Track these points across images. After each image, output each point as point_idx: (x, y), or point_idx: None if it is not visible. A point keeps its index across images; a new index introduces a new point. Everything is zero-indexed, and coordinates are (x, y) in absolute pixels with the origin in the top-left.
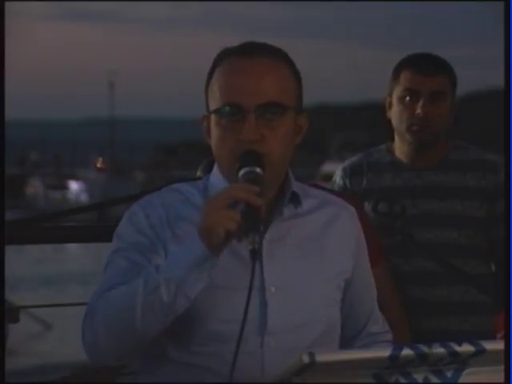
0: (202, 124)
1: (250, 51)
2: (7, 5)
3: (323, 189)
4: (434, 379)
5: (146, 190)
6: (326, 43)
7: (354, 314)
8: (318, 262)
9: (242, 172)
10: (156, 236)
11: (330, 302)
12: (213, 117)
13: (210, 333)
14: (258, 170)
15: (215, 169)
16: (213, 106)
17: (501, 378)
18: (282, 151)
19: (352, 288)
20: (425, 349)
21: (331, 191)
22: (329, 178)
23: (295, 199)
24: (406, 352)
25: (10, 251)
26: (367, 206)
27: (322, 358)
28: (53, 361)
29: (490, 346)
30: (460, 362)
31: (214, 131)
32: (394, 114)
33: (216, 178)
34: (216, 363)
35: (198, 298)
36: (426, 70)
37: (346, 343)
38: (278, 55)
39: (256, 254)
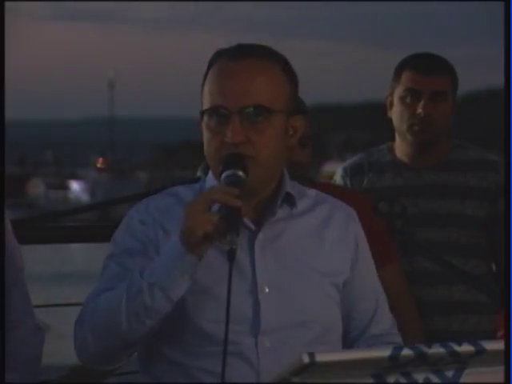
0: (199, 125)
1: (239, 54)
2: (7, 4)
3: (336, 188)
4: (434, 379)
5: (147, 191)
6: (325, 43)
7: (356, 315)
8: (312, 262)
9: (224, 175)
10: (149, 241)
11: (327, 302)
12: (203, 118)
13: (204, 334)
14: (240, 172)
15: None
16: (203, 107)
17: (501, 378)
18: (269, 153)
19: (351, 288)
20: (425, 349)
21: (344, 189)
22: (329, 178)
23: (290, 200)
24: (406, 352)
25: None
26: None
27: (321, 357)
28: (52, 361)
29: (490, 346)
30: (460, 362)
31: (204, 133)
32: (395, 113)
33: (211, 179)
34: (212, 364)
35: (191, 300)
36: (427, 69)
37: (348, 345)
38: (270, 57)
39: (234, 255)
